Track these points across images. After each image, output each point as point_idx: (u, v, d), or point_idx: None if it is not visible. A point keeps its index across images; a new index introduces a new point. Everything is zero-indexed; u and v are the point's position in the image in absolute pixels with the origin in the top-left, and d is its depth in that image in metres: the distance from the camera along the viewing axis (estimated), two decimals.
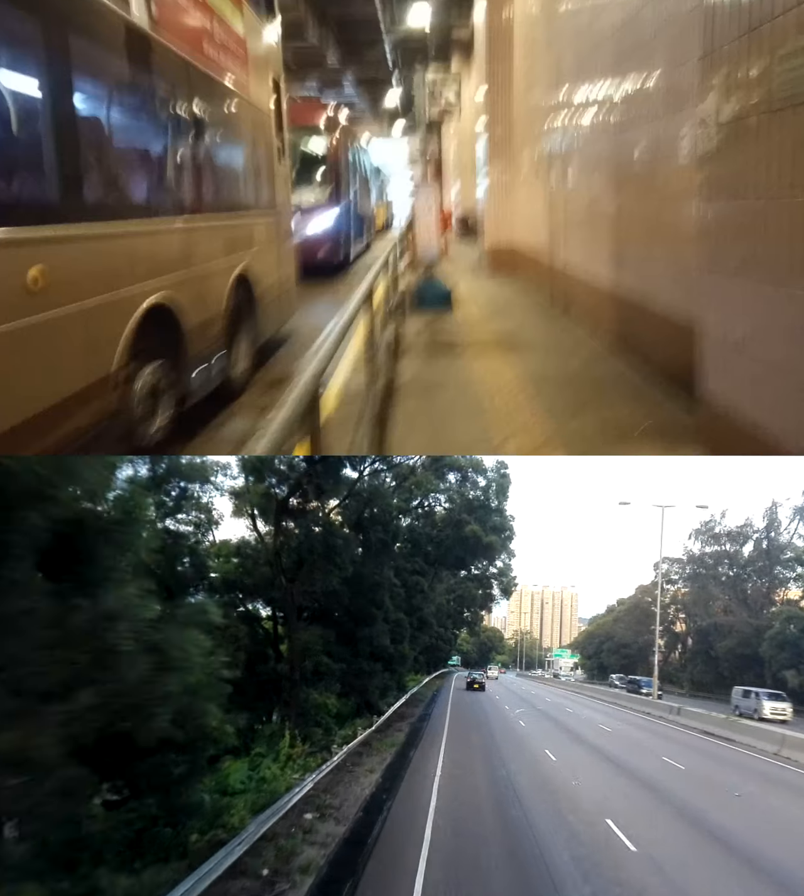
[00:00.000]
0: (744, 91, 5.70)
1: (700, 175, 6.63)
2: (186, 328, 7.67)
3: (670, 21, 9.05)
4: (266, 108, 11.88)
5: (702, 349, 6.82)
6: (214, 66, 9.01)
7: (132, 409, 6.50)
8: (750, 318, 5.93)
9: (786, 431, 5.56)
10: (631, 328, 11.17)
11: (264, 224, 11.55)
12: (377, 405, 8.46)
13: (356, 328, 7.48)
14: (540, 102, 17.67)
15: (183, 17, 8.03)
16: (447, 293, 16.03)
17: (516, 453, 7.85)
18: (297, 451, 3.93)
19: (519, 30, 21.13)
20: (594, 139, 12.83)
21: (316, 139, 22.95)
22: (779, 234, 5.37)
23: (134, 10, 6.53)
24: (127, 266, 6.38)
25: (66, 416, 5.42)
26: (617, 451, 7.80)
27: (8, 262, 4.70)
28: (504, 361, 11.38)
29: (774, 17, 5.27)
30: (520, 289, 19.16)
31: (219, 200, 9.19)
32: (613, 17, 11.23)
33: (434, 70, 34.65)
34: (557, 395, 9.60)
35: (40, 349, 5.08)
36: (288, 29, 17.25)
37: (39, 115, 5.09)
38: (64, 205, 5.34)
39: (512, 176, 22.37)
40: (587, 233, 13.72)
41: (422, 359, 11.84)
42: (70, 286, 5.39)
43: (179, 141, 7.76)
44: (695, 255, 6.99)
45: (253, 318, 10.70)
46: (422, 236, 16.94)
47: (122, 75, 6.46)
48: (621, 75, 11.07)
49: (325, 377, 4.47)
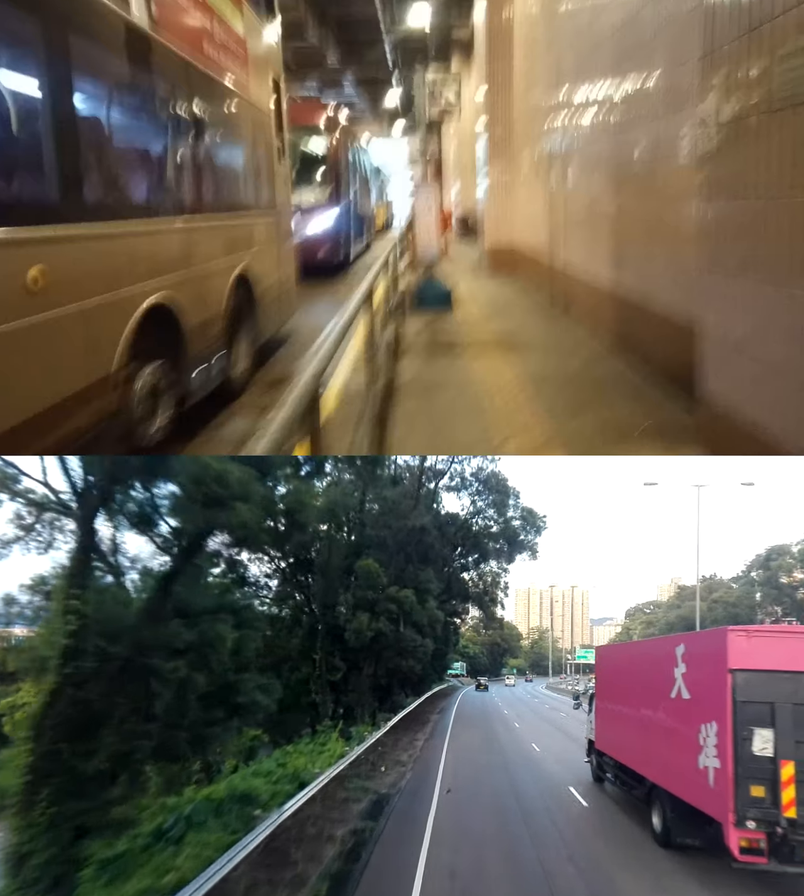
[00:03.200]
0: (744, 91, 5.70)
1: (700, 175, 6.63)
2: (186, 328, 7.67)
3: (670, 21, 9.05)
4: (266, 108, 11.88)
5: (702, 349, 6.82)
6: (214, 66, 9.01)
7: (132, 409, 6.50)
8: (750, 318, 5.93)
9: (786, 431, 5.56)
10: (631, 328, 11.17)
11: (264, 224, 11.55)
12: (377, 405, 8.46)
13: (356, 328, 7.49)
14: (540, 102, 17.67)
15: (183, 17, 8.03)
16: (447, 293, 16.03)
17: (516, 453, 7.85)
18: (297, 451, 3.93)
19: (519, 30, 21.13)
20: (594, 139, 12.83)
21: (316, 139, 22.96)
22: (779, 234, 5.37)
23: (134, 10, 6.53)
24: (127, 266, 6.38)
25: (66, 416, 5.41)
26: (617, 451, 7.80)
27: (8, 262, 4.70)
28: (504, 361, 11.38)
29: (774, 17, 5.27)
30: (520, 289, 19.17)
31: (219, 200, 9.19)
32: (613, 17, 11.23)
33: (434, 70, 34.67)
34: (557, 395, 9.60)
35: (40, 349, 5.08)
36: (288, 29, 17.28)
37: (39, 115, 5.09)
38: (64, 205, 5.33)
39: (512, 176, 22.38)
40: (587, 233, 13.72)
41: (422, 359, 11.84)
42: (70, 286, 5.39)
43: (179, 141, 7.76)
44: (695, 255, 6.99)
45: (253, 318, 10.70)
46: (422, 236, 16.94)
47: (122, 75, 6.45)
48: (621, 75, 11.07)
49: (325, 377, 4.47)
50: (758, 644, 6.66)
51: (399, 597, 23.43)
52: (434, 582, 28.10)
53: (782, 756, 6.32)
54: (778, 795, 6.28)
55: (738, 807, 6.34)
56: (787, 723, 6.34)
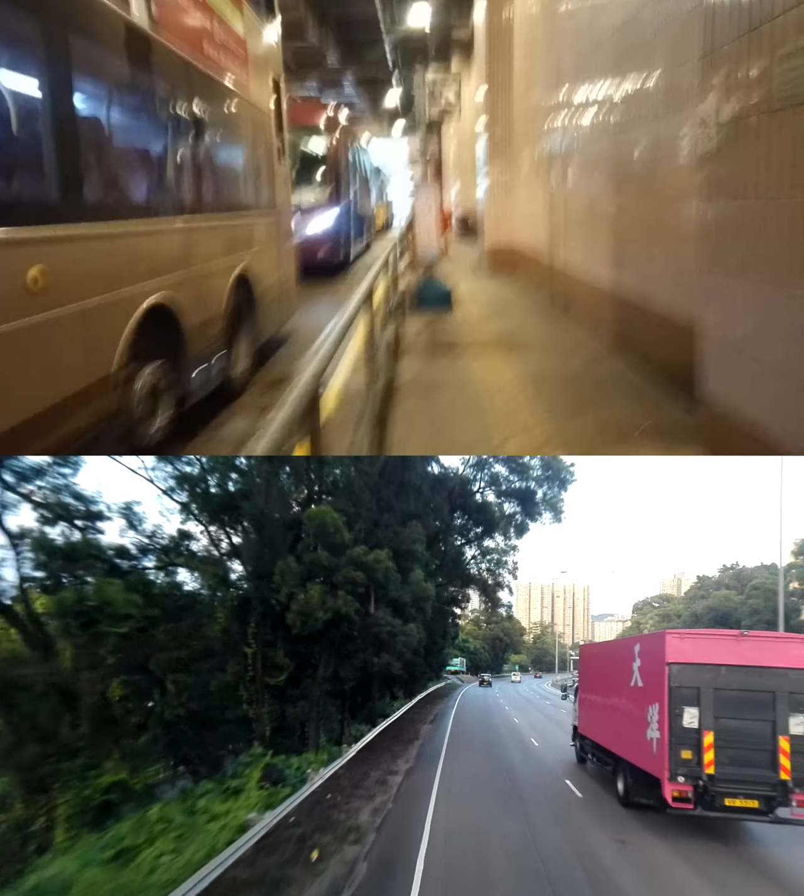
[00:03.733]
0: (744, 91, 5.70)
1: (700, 175, 6.63)
2: (186, 328, 7.67)
3: (670, 21, 9.05)
4: (266, 108, 11.88)
5: (702, 349, 6.82)
6: (214, 66, 9.01)
7: (132, 409, 6.50)
8: (750, 318, 5.93)
9: (786, 431, 5.56)
10: (631, 328, 11.17)
11: (264, 224, 11.55)
12: (377, 405, 8.46)
13: (356, 328, 7.49)
14: (540, 102, 17.67)
15: (183, 17, 8.03)
16: (447, 293, 16.03)
17: (516, 453, 7.86)
18: (297, 451, 3.93)
19: (519, 30, 21.12)
20: (594, 139, 12.82)
21: (316, 139, 22.96)
22: (779, 234, 5.37)
23: (134, 10, 6.53)
24: (127, 266, 6.38)
25: (66, 416, 5.41)
26: (617, 451, 7.80)
27: (8, 262, 4.70)
28: (504, 361, 11.38)
29: (774, 17, 5.27)
30: (520, 289, 19.16)
31: (219, 200, 9.19)
32: (613, 17, 11.23)
33: (434, 70, 34.65)
34: (557, 395, 9.60)
35: (40, 349, 5.07)
36: (288, 29, 17.27)
37: (39, 115, 5.09)
38: (64, 205, 5.33)
39: (512, 176, 22.37)
40: (587, 233, 13.72)
41: (422, 359, 11.84)
42: (70, 286, 5.39)
43: (179, 141, 7.76)
44: (695, 255, 6.98)
45: (253, 318, 10.70)
46: (422, 236, 16.94)
47: (122, 75, 6.45)
48: (621, 75, 11.07)
49: (325, 377, 4.47)
50: (689, 643, 8.57)
51: (368, 561, 15.89)
52: (422, 540, 20.29)
53: (704, 727, 8.16)
54: (701, 757, 8.12)
55: (672, 766, 8.20)
56: (709, 702, 8.19)
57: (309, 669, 16.78)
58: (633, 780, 9.64)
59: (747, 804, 8.14)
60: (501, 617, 66.93)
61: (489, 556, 34.74)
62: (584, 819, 9.31)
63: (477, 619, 70.72)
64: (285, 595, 14.71)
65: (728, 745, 8.12)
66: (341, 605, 15.00)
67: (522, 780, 12.00)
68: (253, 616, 15.46)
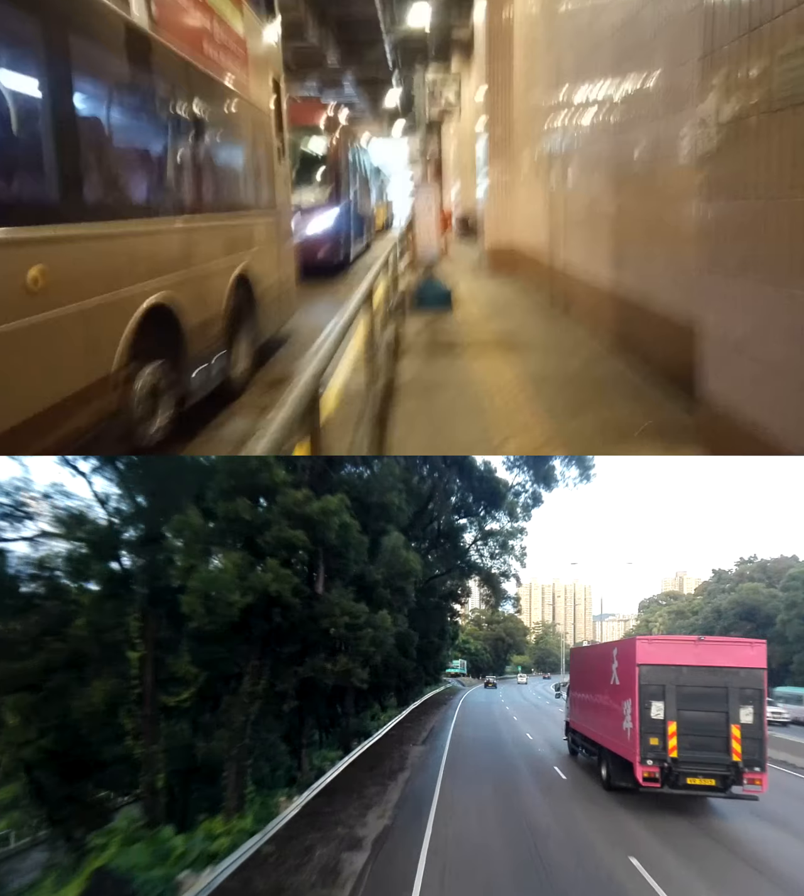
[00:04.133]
0: (744, 91, 5.70)
1: (700, 175, 6.63)
2: (186, 328, 7.67)
3: (670, 21, 9.05)
4: (266, 108, 11.88)
5: (702, 349, 6.82)
6: (214, 66, 9.01)
7: (132, 409, 6.50)
8: (750, 318, 5.93)
9: (786, 431, 5.56)
10: (631, 328, 11.17)
11: (264, 224, 11.55)
12: (377, 405, 8.46)
13: (356, 328, 7.48)
14: (540, 102, 17.67)
15: (183, 17, 8.03)
16: (447, 293, 16.03)
17: (516, 453, 7.86)
18: (297, 451, 3.93)
19: (519, 30, 21.12)
20: (594, 139, 12.82)
21: (316, 139, 22.96)
22: (779, 234, 5.37)
23: (134, 10, 6.53)
24: (127, 266, 6.38)
25: (66, 416, 5.41)
26: (617, 451, 7.80)
27: (8, 262, 4.70)
28: (504, 361, 11.38)
29: (774, 17, 5.27)
30: (520, 289, 19.16)
31: (219, 200, 9.19)
32: (613, 17, 11.23)
33: (434, 70, 34.66)
34: (557, 395, 9.60)
35: (40, 349, 5.07)
36: (288, 29, 17.28)
37: (39, 115, 5.09)
38: (64, 205, 5.33)
39: (512, 176, 22.37)
40: (587, 233, 13.72)
41: (422, 359, 11.84)
42: (70, 286, 5.39)
43: (179, 141, 7.76)
44: (695, 255, 6.98)
45: (253, 318, 10.69)
46: (422, 236, 16.94)
47: (122, 75, 6.45)
48: (621, 75, 11.07)
49: (325, 377, 4.47)
50: (656, 647, 10.05)
51: (313, 513, 10.56)
52: (400, 489, 14.28)
53: (669, 718, 9.57)
54: (666, 743, 9.53)
55: (642, 751, 9.62)
56: (672, 697, 9.59)
57: (233, 682, 11.06)
58: (614, 766, 11.08)
59: (706, 783, 9.61)
60: (503, 616, 61.37)
61: (493, 538, 29.19)
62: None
63: (478, 618, 69.83)
64: (183, 569, 9.69)
65: (688, 732, 9.56)
66: (270, 581, 9.68)
67: (551, 843, 7.94)
68: (137, 603, 10.27)
